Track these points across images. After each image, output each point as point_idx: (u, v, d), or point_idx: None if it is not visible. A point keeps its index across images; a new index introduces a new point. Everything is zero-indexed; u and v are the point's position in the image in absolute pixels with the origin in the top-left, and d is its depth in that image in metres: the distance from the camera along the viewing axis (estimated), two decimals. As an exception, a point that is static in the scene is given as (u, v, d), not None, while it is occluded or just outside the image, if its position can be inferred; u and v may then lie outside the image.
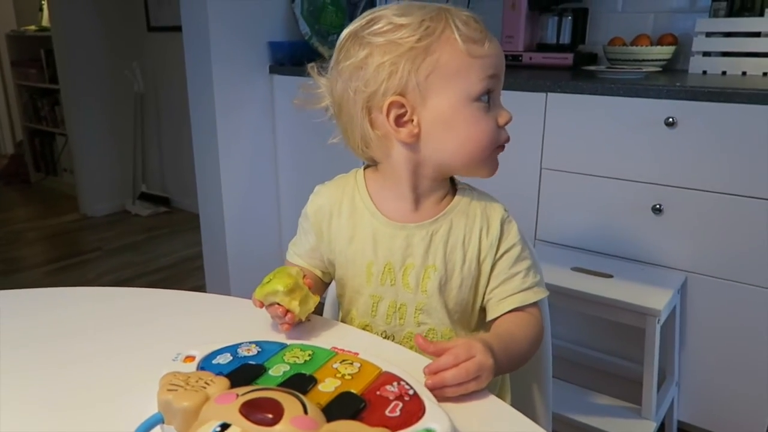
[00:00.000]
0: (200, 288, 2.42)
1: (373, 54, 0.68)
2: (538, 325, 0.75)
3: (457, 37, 0.68)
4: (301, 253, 0.84)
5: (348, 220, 0.77)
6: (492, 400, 0.60)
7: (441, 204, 0.76)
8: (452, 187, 0.79)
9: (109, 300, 0.83)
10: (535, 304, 0.75)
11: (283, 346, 0.62)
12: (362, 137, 0.73)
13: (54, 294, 0.85)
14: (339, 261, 0.79)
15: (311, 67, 0.76)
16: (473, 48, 0.68)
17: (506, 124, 0.72)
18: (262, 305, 0.70)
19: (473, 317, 0.79)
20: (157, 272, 2.74)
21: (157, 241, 3.14)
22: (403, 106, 0.69)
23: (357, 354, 0.61)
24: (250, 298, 0.72)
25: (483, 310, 0.78)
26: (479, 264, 0.75)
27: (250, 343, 0.62)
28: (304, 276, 0.72)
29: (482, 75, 0.69)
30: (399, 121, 0.70)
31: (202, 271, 2.31)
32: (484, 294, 0.77)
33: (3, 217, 3.57)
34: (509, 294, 0.74)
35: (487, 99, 0.70)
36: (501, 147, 0.73)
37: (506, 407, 0.60)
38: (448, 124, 0.70)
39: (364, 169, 0.80)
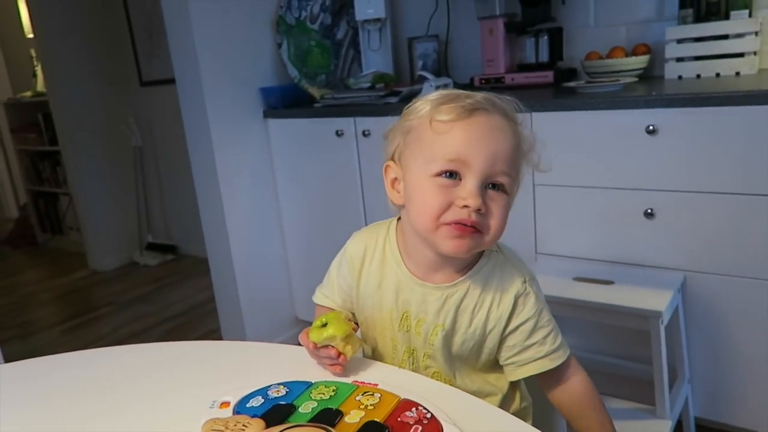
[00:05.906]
0: (215, 331, 2.46)
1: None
2: (584, 383, 0.82)
3: (430, 114, 0.72)
4: (332, 296, 0.89)
5: (378, 267, 0.83)
6: (509, 418, 0.65)
7: (465, 266, 0.79)
8: None
9: (132, 356, 0.88)
10: (560, 365, 0.79)
11: (308, 385, 0.68)
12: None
13: (77, 357, 0.89)
14: (368, 304, 0.84)
15: None
16: (438, 126, 0.71)
17: (465, 207, 0.69)
18: (315, 347, 0.75)
19: (478, 363, 0.83)
20: (172, 320, 2.78)
21: (168, 290, 3.19)
22: (393, 171, 0.77)
23: (377, 385, 0.66)
24: (264, 340, 0.77)
25: (489, 357, 0.82)
26: (485, 332, 0.79)
27: (278, 384, 0.67)
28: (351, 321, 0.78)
29: (439, 155, 0.70)
30: (395, 184, 0.77)
31: (216, 315, 2.36)
32: (492, 352, 0.80)
33: (14, 280, 3.63)
34: (526, 362, 0.79)
35: (453, 177, 0.70)
36: (450, 224, 0.70)
37: (523, 425, 0.64)
38: (411, 194, 0.74)
39: (398, 220, 0.84)
